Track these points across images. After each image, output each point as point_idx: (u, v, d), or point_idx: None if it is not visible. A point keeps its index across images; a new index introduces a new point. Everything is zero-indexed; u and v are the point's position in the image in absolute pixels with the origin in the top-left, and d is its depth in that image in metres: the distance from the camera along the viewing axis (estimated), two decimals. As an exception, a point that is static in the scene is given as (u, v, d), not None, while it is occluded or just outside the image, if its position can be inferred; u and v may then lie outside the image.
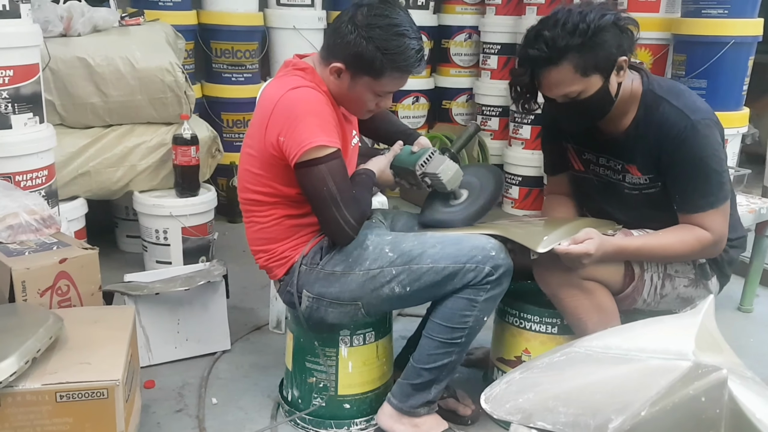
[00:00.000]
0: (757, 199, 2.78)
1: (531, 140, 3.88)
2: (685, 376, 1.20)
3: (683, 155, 1.76)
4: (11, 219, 2.04)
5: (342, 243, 1.81)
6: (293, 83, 1.76)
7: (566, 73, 1.69)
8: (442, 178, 1.90)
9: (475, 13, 4.31)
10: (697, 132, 1.75)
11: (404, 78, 1.79)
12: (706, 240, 1.79)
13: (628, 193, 1.90)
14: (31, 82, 2.33)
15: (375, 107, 1.84)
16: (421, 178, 1.92)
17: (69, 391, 1.56)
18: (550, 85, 1.74)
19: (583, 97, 1.73)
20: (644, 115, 1.81)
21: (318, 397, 1.98)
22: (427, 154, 1.91)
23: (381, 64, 1.71)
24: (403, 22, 1.72)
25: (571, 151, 2.00)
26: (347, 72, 1.75)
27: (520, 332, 2.03)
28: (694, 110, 1.77)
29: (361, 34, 1.70)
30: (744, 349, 2.44)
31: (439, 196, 2.00)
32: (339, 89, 1.80)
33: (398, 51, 1.71)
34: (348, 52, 1.73)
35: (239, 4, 3.72)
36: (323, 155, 1.69)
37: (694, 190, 1.78)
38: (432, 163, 1.91)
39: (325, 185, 1.71)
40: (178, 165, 2.93)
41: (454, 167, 1.92)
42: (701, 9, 2.99)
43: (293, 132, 1.69)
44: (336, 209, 1.73)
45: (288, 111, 1.71)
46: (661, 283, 1.89)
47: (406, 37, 1.71)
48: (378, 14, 1.71)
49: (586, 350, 1.38)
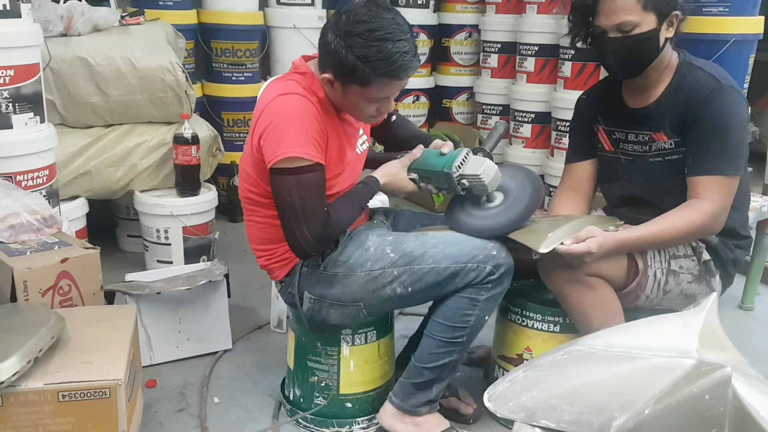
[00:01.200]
0: (758, 197, 2.78)
1: (532, 138, 3.88)
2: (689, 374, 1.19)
3: (706, 116, 1.80)
4: (12, 219, 2.04)
5: (299, 255, 1.78)
6: (285, 88, 1.73)
7: (629, 0, 1.75)
8: (484, 180, 1.78)
9: (475, 11, 4.31)
10: (724, 96, 1.79)
11: (395, 83, 1.70)
12: (707, 211, 1.79)
13: (652, 161, 1.92)
14: (31, 82, 2.32)
15: (376, 112, 1.79)
16: (457, 180, 1.81)
17: (71, 391, 1.55)
18: (611, 11, 1.77)
19: (635, 32, 1.77)
20: (677, 82, 1.87)
21: (320, 396, 1.98)
22: (462, 155, 1.80)
23: (364, 73, 1.64)
24: (384, 26, 1.63)
25: (601, 133, 2.03)
26: (337, 82, 1.70)
27: (522, 330, 2.03)
28: (725, 78, 1.83)
29: (340, 43, 1.63)
30: (745, 347, 2.44)
31: (469, 199, 1.88)
32: (336, 98, 1.76)
33: (380, 57, 1.62)
34: (333, 63, 1.67)
35: (239, 3, 3.72)
36: (294, 167, 1.66)
37: (707, 152, 1.80)
38: (469, 164, 1.80)
39: (288, 196, 1.68)
40: (179, 164, 2.93)
41: (494, 167, 1.81)
42: (702, 7, 2.98)
43: (272, 138, 1.68)
44: (295, 222, 1.69)
45: (271, 116, 1.70)
46: (665, 279, 1.89)
47: (387, 41, 1.62)
48: (357, 20, 1.63)
49: (589, 348, 1.38)
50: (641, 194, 1.97)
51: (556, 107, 3.62)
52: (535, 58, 3.79)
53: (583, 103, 2.10)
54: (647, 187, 1.95)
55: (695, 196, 1.81)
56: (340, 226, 1.78)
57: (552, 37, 3.68)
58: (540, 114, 3.83)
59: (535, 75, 3.82)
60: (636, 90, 1.93)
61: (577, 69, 3.47)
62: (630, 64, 1.85)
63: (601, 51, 1.87)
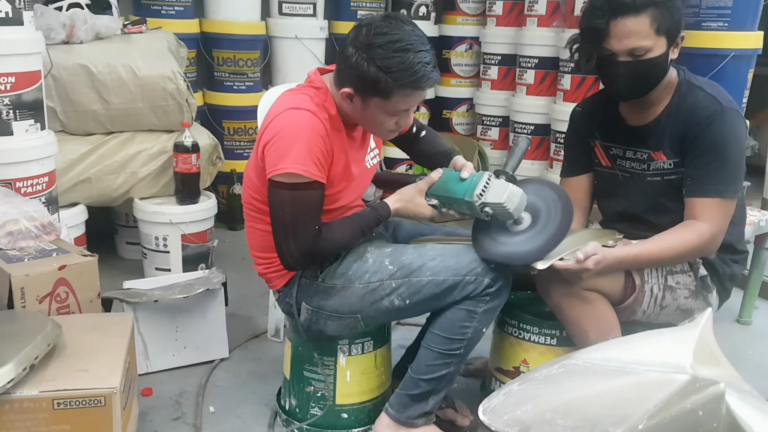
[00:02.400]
0: (756, 212, 2.78)
1: (531, 150, 3.89)
2: (683, 389, 1.20)
3: (706, 138, 1.79)
4: (11, 225, 2.04)
5: (286, 267, 1.80)
6: (296, 103, 1.73)
7: (643, 25, 1.73)
8: (509, 207, 1.68)
9: (476, 24, 4.33)
10: (725, 118, 1.79)
11: (416, 94, 1.71)
12: (704, 232, 1.78)
13: (650, 180, 1.91)
14: (32, 89, 2.33)
15: (395, 126, 1.78)
16: (480, 208, 1.72)
17: (66, 399, 1.55)
18: (623, 35, 1.74)
19: (647, 56, 1.76)
20: (677, 102, 1.86)
21: (316, 407, 1.97)
22: (483, 181, 1.71)
23: (386, 84, 1.64)
24: (405, 37, 1.64)
25: (598, 148, 2.02)
26: (357, 96, 1.70)
27: (519, 343, 2.03)
28: (726, 99, 1.82)
29: (362, 55, 1.64)
30: (743, 362, 2.44)
31: (493, 223, 1.78)
32: (354, 113, 1.76)
33: (402, 68, 1.63)
34: (354, 76, 1.67)
35: (241, 13, 3.74)
36: (292, 182, 1.67)
37: (707, 174, 1.80)
38: (492, 191, 1.70)
39: (281, 210, 1.69)
40: (179, 172, 2.94)
41: (519, 192, 1.70)
42: (701, 21, 3.00)
43: (275, 150, 1.69)
44: (284, 237, 1.71)
45: (278, 129, 1.70)
46: (662, 295, 1.89)
47: (409, 51, 1.63)
48: (377, 32, 1.64)
49: (584, 362, 1.38)
50: (638, 212, 1.96)
51: (555, 119, 3.63)
52: (534, 71, 3.81)
53: (579, 116, 2.08)
54: (644, 205, 1.95)
55: (693, 217, 1.81)
56: (330, 246, 1.77)
57: (552, 50, 3.70)
58: (539, 126, 3.84)
59: (534, 87, 3.84)
60: (635, 107, 1.91)
61: (576, 82, 3.49)
62: (637, 87, 1.83)
63: (608, 73, 1.83)
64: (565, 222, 1.73)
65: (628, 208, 1.99)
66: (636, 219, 1.97)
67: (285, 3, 3.86)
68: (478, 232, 1.83)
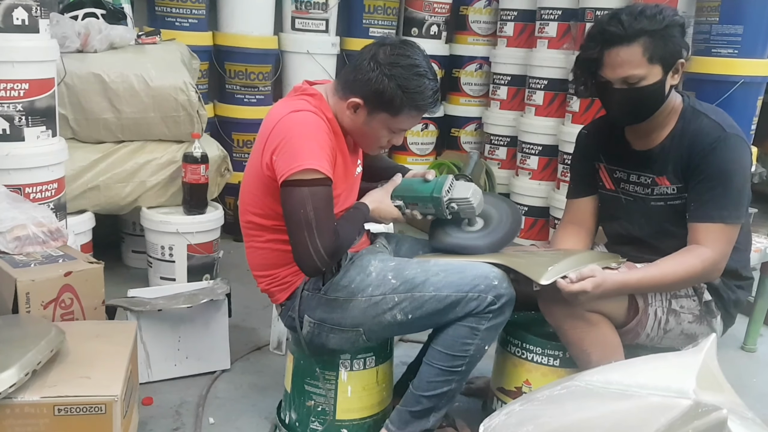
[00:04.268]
0: (764, 239, 2.78)
1: (538, 171, 3.90)
2: (685, 414, 1.19)
3: (710, 164, 1.80)
4: (19, 230, 2.06)
5: (308, 271, 1.75)
6: (297, 106, 1.77)
7: (635, 54, 1.75)
8: (473, 202, 1.89)
9: (486, 44, 4.36)
10: (728, 144, 1.79)
11: (419, 117, 1.84)
12: (707, 258, 1.78)
13: (654, 205, 1.92)
14: (45, 96, 2.36)
15: (386, 144, 1.88)
16: (447, 204, 1.90)
17: (67, 405, 1.56)
18: (616, 64, 1.77)
19: (641, 84, 1.77)
20: (681, 128, 1.87)
21: (316, 421, 1.97)
22: (449, 181, 1.91)
23: (400, 102, 1.75)
24: (422, 64, 1.76)
25: (602, 170, 2.03)
26: (365, 108, 1.78)
27: (522, 363, 2.02)
28: (730, 125, 1.83)
29: (384, 71, 1.73)
30: (747, 389, 2.43)
31: (450, 223, 1.98)
32: (354, 124, 1.82)
33: (418, 90, 1.75)
34: (368, 89, 1.75)
35: (254, 27, 3.77)
36: (309, 179, 1.69)
37: (710, 199, 1.80)
38: (457, 189, 1.90)
39: (302, 208, 1.69)
40: (187, 183, 2.96)
41: (479, 191, 1.92)
42: (711, 48, 3.01)
43: (287, 152, 1.70)
44: (308, 234, 1.69)
45: (285, 131, 1.73)
46: (666, 318, 1.88)
47: (425, 78, 1.76)
48: (400, 54, 1.75)
49: (586, 384, 1.37)
50: (641, 235, 1.96)
51: (563, 141, 3.64)
52: (544, 92, 3.82)
53: (584, 139, 2.10)
54: (648, 229, 1.95)
55: (696, 242, 1.81)
56: (346, 244, 1.81)
57: (561, 72, 3.71)
58: (547, 147, 3.84)
59: (543, 108, 3.85)
60: (639, 132, 1.92)
61: (585, 104, 3.50)
62: (635, 113, 1.85)
63: (606, 101, 1.87)
64: (512, 229, 1.96)
65: (631, 232, 1.99)
66: (640, 243, 1.97)
67: (298, 18, 3.90)
68: (435, 228, 2.02)
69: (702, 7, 3.08)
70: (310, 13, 3.88)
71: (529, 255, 1.99)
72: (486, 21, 4.35)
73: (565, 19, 3.70)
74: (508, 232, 1.95)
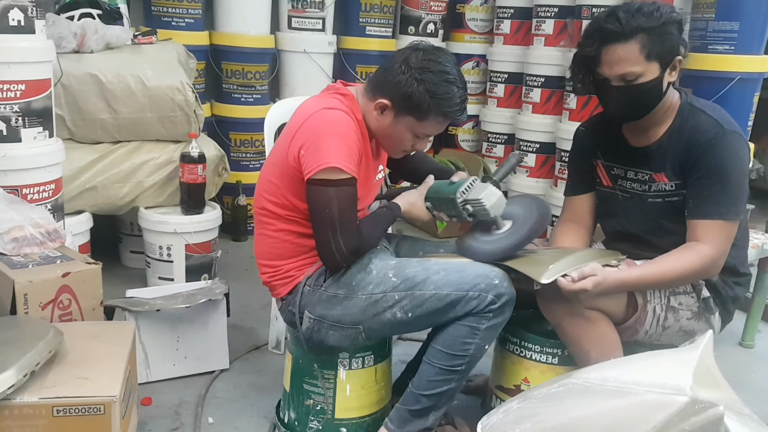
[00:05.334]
0: (761, 235, 2.78)
1: (536, 168, 3.90)
2: (682, 411, 1.19)
3: (708, 160, 1.80)
4: (16, 231, 2.06)
5: (331, 268, 1.81)
6: (329, 104, 1.79)
7: (632, 51, 1.75)
8: (485, 204, 1.85)
9: (483, 42, 4.36)
10: (726, 141, 1.79)
11: (445, 124, 1.84)
12: (706, 255, 1.79)
13: (651, 202, 1.92)
14: (42, 97, 2.36)
15: (410, 148, 1.89)
16: (462, 206, 1.87)
17: (66, 406, 1.56)
18: (613, 62, 1.77)
19: (639, 81, 1.77)
20: (679, 125, 1.87)
21: (315, 420, 1.97)
22: (468, 182, 1.89)
23: (428, 107, 1.76)
24: (453, 71, 1.78)
25: (600, 167, 2.04)
26: (392, 110, 1.79)
27: (521, 361, 2.02)
28: (728, 122, 1.83)
29: (414, 75, 1.75)
30: (745, 385, 2.44)
31: (481, 226, 1.95)
32: (380, 125, 1.83)
33: (446, 97, 1.76)
34: (397, 91, 1.77)
35: (251, 26, 3.77)
36: (336, 178, 1.71)
37: (708, 196, 1.80)
38: (474, 190, 1.88)
39: (328, 207, 1.72)
40: (185, 182, 2.95)
41: (498, 193, 1.87)
42: (708, 44, 3.02)
43: (315, 148, 1.72)
44: (332, 234, 1.73)
45: (316, 127, 1.75)
46: (664, 315, 1.89)
47: (454, 85, 1.77)
48: (432, 59, 1.76)
49: (584, 382, 1.38)
50: (639, 232, 1.97)
51: (560, 138, 3.64)
52: (541, 89, 3.82)
53: (582, 136, 2.10)
54: (645, 225, 1.95)
55: (695, 239, 1.81)
56: (369, 243, 1.83)
57: (558, 69, 3.71)
58: (545, 144, 3.85)
59: (540, 106, 3.85)
60: (637, 129, 1.93)
61: (582, 101, 3.50)
62: (633, 110, 1.86)
63: (604, 98, 1.88)
64: (536, 225, 1.85)
65: (629, 229, 1.99)
66: (637, 239, 1.97)
67: (294, 17, 3.89)
68: (465, 237, 1.98)
69: (698, 4, 3.08)
70: (307, 11, 3.88)
71: (529, 253, 1.99)
72: (482, 19, 4.35)
73: (561, 16, 3.70)
74: (529, 231, 1.86)
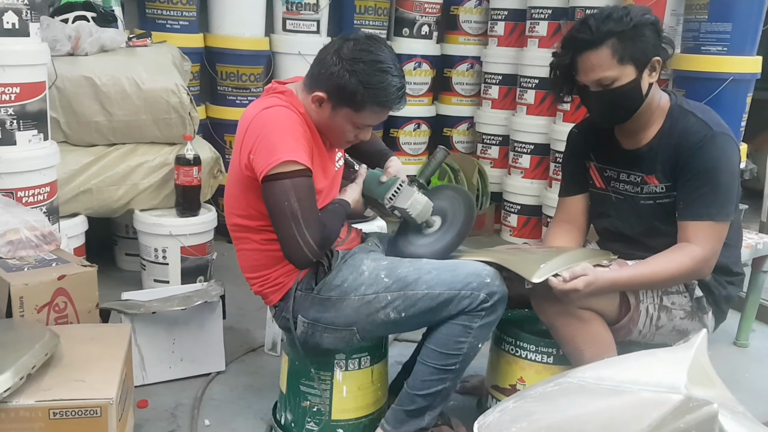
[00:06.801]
0: (754, 235, 2.80)
1: (530, 169, 3.92)
2: (677, 409, 1.20)
3: (698, 162, 1.81)
4: (11, 235, 2.06)
5: (299, 263, 1.76)
6: (268, 103, 1.79)
7: (604, 57, 1.77)
8: (411, 213, 1.89)
9: (477, 44, 4.37)
10: (715, 142, 1.81)
11: (384, 113, 1.81)
12: (697, 255, 1.80)
13: (643, 203, 1.93)
14: (37, 100, 2.35)
15: (354, 138, 1.86)
16: (390, 210, 1.92)
17: (62, 409, 1.56)
18: (587, 69, 1.80)
19: (615, 85, 1.79)
20: (669, 127, 1.89)
21: (311, 422, 1.97)
22: (395, 187, 1.90)
23: (362, 98, 1.73)
24: (387, 60, 1.74)
25: (593, 169, 2.05)
26: (329, 102, 1.77)
27: (516, 360, 2.03)
28: (717, 124, 1.85)
29: (345, 67, 1.72)
30: (739, 384, 2.45)
31: (409, 227, 1.98)
32: (320, 118, 1.81)
33: (380, 87, 1.73)
34: (331, 83, 1.74)
35: (246, 28, 3.78)
36: (289, 170, 1.68)
37: (698, 197, 1.82)
38: (400, 197, 1.89)
39: (287, 200, 1.68)
40: (180, 185, 2.95)
41: (423, 200, 1.90)
42: (701, 45, 3.04)
43: (263, 148, 1.71)
44: (296, 227, 1.69)
45: (259, 129, 1.73)
46: (657, 315, 1.90)
47: (388, 74, 1.73)
48: (363, 49, 1.73)
49: (579, 381, 1.38)
50: (631, 233, 1.98)
51: (554, 139, 3.66)
52: (535, 91, 3.84)
53: (575, 137, 2.11)
54: (638, 227, 1.96)
55: (686, 240, 1.83)
56: (333, 235, 1.81)
57: (553, 71, 3.73)
58: (539, 145, 3.87)
59: (534, 107, 3.87)
60: (627, 131, 1.94)
61: (576, 103, 3.51)
62: (614, 114, 1.88)
63: (586, 104, 1.90)
64: (466, 223, 1.91)
65: (621, 230, 2.00)
66: (630, 240, 1.98)
67: (289, 20, 3.90)
68: (398, 233, 2.03)
69: (691, 5, 3.10)
70: (301, 14, 3.89)
71: (521, 253, 2.00)
72: (477, 21, 4.36)
73: (555, 18, 3.72)
74: (460, 230, 1.91)
